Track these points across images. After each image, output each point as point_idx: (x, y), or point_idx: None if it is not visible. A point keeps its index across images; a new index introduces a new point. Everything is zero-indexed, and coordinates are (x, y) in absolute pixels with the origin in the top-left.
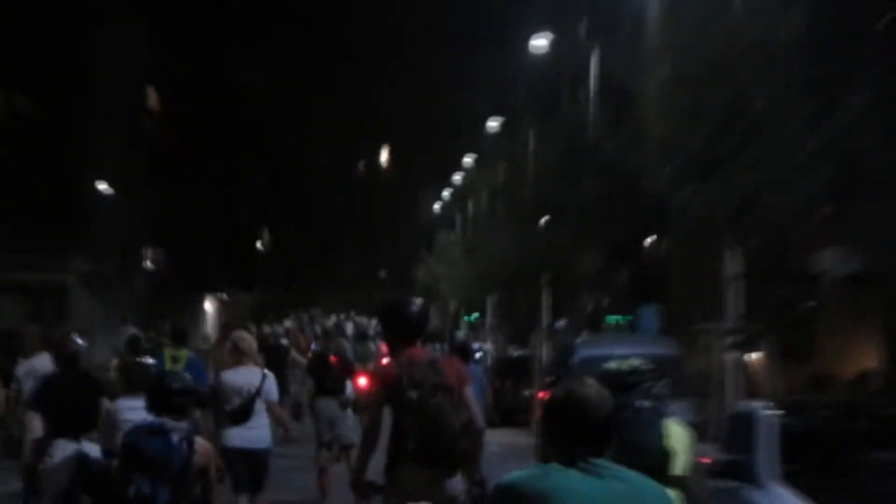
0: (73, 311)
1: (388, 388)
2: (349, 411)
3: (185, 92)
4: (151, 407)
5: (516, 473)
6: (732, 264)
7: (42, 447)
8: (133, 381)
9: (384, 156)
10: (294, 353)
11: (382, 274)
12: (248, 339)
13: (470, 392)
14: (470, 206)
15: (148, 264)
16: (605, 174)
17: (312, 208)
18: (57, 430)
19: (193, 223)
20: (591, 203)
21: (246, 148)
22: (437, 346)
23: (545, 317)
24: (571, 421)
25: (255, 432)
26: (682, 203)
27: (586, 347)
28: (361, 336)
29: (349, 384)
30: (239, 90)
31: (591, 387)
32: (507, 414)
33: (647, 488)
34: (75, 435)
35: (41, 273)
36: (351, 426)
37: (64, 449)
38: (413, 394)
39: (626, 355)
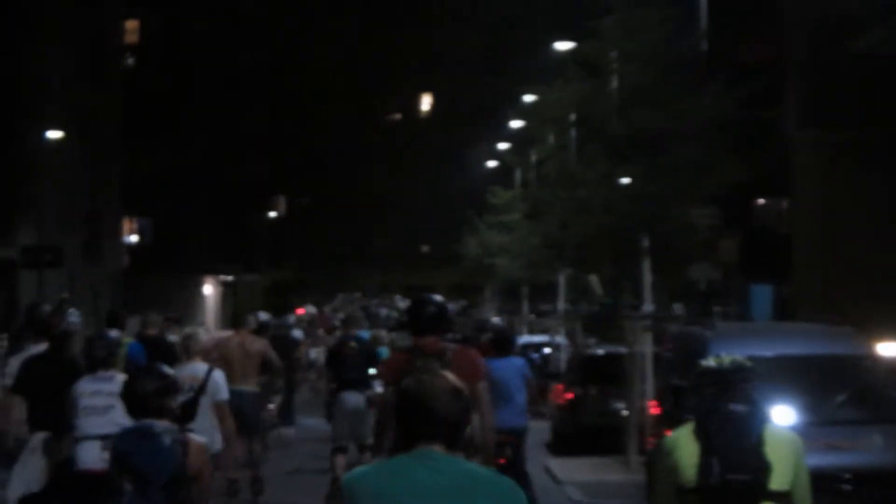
0: (20, 297)
1: (392, 376)
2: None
3: (172, 22)
4: (129, 412)
5: (358, 469)
6: None
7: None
8: (95, 357)
9: (425, 103)
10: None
11: (425, 249)
12: (197, 338)
13: (483, 388)
14: (533, 157)
15: (131, 238)
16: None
17: (336, 168)
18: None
19: (186, 186)
20: (705, 134)
21: (251, 94)
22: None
23: (647, 298)
24: (417, 412)
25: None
26: None
27: (724, 343)
28: (401, 324)
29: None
30: (240, 19)
31: (443, 378)
32: (592, 435)
33: (494, 488)
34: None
35: None
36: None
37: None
38: (409, 379)
39: (784, 356)
